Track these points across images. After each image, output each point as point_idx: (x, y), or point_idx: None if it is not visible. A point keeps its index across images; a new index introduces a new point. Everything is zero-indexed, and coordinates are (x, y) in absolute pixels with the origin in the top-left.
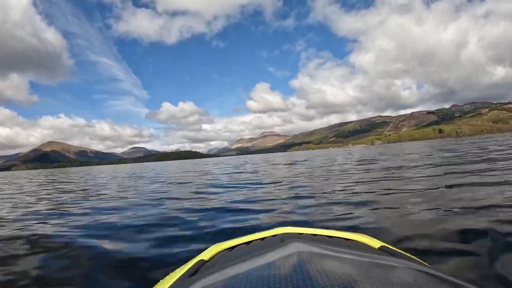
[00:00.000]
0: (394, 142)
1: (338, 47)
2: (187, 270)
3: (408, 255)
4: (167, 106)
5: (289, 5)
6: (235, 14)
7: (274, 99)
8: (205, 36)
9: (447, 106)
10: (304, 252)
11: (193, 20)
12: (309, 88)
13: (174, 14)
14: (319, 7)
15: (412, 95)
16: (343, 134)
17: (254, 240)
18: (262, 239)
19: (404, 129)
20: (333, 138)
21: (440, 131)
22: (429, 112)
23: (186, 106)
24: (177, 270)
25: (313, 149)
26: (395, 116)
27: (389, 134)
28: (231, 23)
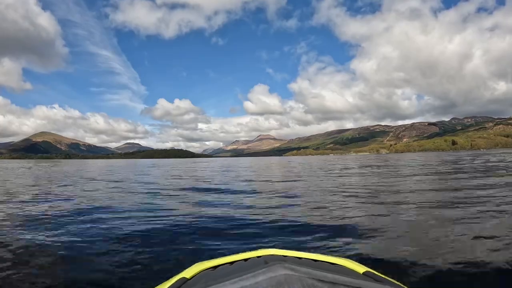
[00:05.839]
0: (402, 152)
1: (339, 52)
2: None
3: (393, 281)
4: (162, 103)
5: (293, 4)
6: (236, 10)
7: (272, 101)
8: (204, 32)
9: (446, 119)
10: (288, 275)
11: (193, 14)
12: (308, 93)
13: (173, 6)
14: (324, 9)
15: (411, 106)
16: (341, 141)
17: (237, 260)
18: (246, 260)
19: (405, 139)
20: (330, 145)
21: (454, 142)
22: (430, 124)
23: (182, 104)
24: (157, 287)
25: (312, 154)
26: (395, 126)
27: (395, 144)
28: (231, 20)
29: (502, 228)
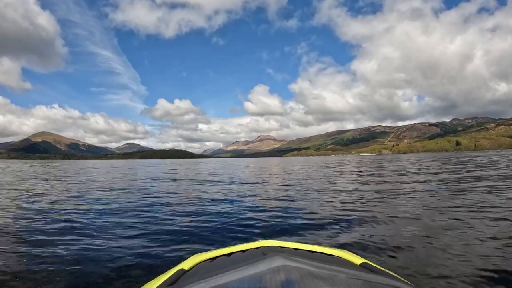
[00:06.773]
0: (404, 153)
1: (340, 53)
2: (167, 279)
3: (390, 272)
4: (162, 103)
5: (293, 4)
6: (237, 10)
7: (272, 102)
8: (205, 32)
9: (447, 120)
10: (286, 266)
11: (193, 14)
12: (308, 94)
13: (173, 6)
14: (324, 9)
15: (412, 107)
16: (342, 142)
17: (235, 252)
18: (244, 251)
19: (406, 140)
20: (331, 146)
21: (457, 143)
22: (431, 124)
23: (182, 104)
24: (156, 278)
25: (313, 155)
26: (396, 127)
27: (397, 144)
28: (232, 20)
29: None
